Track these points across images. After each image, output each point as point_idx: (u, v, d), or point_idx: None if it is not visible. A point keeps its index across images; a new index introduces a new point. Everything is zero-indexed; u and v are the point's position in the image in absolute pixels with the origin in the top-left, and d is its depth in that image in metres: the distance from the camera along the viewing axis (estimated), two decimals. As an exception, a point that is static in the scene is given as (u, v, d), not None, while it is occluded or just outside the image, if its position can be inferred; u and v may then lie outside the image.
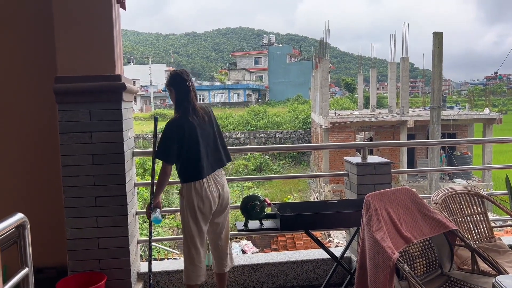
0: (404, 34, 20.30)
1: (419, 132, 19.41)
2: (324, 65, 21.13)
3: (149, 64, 57.77)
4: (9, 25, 2.96)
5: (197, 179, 2.59)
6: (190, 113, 2.62)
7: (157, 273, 3.11)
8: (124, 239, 2.79)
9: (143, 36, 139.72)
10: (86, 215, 2.73)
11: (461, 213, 2.73)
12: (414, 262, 2.32)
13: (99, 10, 2.72)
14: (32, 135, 3.03)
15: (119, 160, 2.75)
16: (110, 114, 2.72)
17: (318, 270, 3.27)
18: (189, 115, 2.62)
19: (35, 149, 3.04)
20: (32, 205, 3.00)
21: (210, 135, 2.71)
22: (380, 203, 2.36)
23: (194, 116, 2.62)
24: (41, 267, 2.99)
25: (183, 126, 2.59)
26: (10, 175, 3.04)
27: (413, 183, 18.56)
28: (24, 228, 1.71)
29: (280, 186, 22.61)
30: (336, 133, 20.09)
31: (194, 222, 2.62)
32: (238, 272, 3.19)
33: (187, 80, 2.66)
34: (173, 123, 2.62)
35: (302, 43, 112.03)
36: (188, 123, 2.60)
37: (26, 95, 3.00)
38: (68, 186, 2.71)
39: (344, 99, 43.59)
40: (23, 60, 2.99)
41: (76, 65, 2.71)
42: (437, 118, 11.33)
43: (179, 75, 2.69)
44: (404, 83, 20.20)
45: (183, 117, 2.62)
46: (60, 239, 2.86)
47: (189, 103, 2.64)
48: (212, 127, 2.73)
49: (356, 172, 3.17)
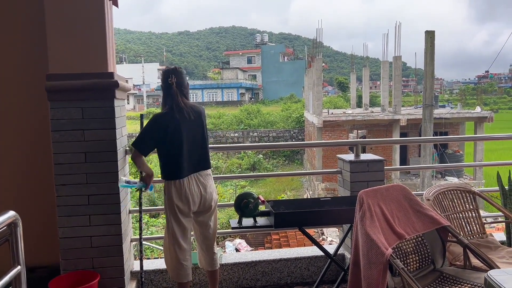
0: (396, 33, 20.43)
1: (411, 130, 19.56)
2: (317, 64, 21.19)
3: (141, 63, 57.52)
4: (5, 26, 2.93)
5: (177, 178, 2.57)
6: (174, 110, 2.60)
7: (151, 271, 3.10)
8: (117, 237, 2.77)
9: (135, 34, 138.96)
10: (78, 213, 2.71)
11: (453, 209, 2.75)
12: (407, 258, 2.33)
13: (91, 6, 2.70)
14: (25, 133, 3.00)
15: (112, 158, 2.73)
16: (102, 112, 2.70)
17: (312, 267, 3.28)
18: (173, 111, 2.60)
19: (28, 147, 3.01)
20: (23, 204, 2.97)
21: (196, 134, 2.67)
22: (373, 199, 2.37)
23: (178, 112, 2.60)
24: (33, 267, 2.96)
25: (167, 122, 2.58)
26: (2, 173, 3.01)
27: (405, 181, 18.70)
28: (16, 226, 1.69)
29: (273, 185, 22.64)
30: (329, 132, 20.17)
31: (175, 220, 2.61)
32: (232, 270, 3.19)
33: (169, 76, 2.62)
34: (156, 116, 2.64)
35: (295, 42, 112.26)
36: (173, 119, 2.57)
37: (20, 92, 2.98)
38: (61, 185, 2.68)
39: (337, 98, 43.76)
40: (16, 58, 2.96)
41: (68, 63, 2.69)
42: (430, 116, 11.41)
43: (165, 72, 2.68)
44: (396, 82, 20.32)
45: (168, 113, 2.61)
46: (53, 238, 2.84)
47: (172, 99, 2.61)
48: (200, 126, 2.69)
49: (349, 169, 3.18)
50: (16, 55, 2.96)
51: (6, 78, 2.97)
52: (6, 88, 2.97)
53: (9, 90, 2.98)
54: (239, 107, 37.03)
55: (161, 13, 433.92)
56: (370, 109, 26.19)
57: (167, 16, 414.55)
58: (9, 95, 2.98)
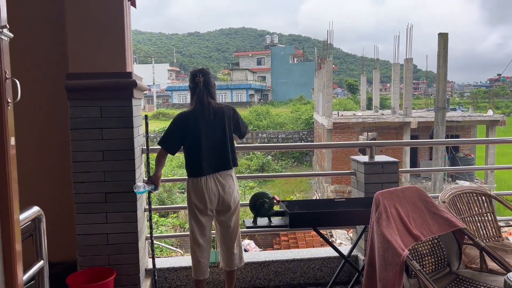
0: (407, 35, 20.28)
1: (422, 133, 19.40)
2: (328, 66, 21.14)
3: (152, 63, 57.87)
4: (23, 24, 2.98)
5: (195, 176, 2.63)
6: (198, 109, 2.66)
7: (165, 269, 3.13)
8: (133, 235, 2.81)
9: (146, 35, 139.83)
10: (95, 211, 2.75)
11: (468, 212, 2.74)
12: (423, 260, 2.33)
13: (110, 7, 2.74)
14: (45, 131, 3.05)
15: (129, 156, 2.77)
16: (120, 111, 2.74)
17: (325, 268, 3.28)
18: (196, 110, 2.65)
19: (47, 145, 3.06)
20: (43, 201, 3.01)
21: (217, 134, 2.68)
22: (390, 201, 2.38)
23: (201, 111, 2.65)
24: (51, 263, 3.00)
25: (187, 120, 2.65)
26: (23, 170, 3.06)
27: (416, 184, 18.51)
28: (40, 221, 1.74)
29: (282, 186, 22.63)
30: (339, 134, 20.08)
31: (193, 217, 2.67)
32: (245, 269, 3.20)
33: (197, 76, 2.69)
34: (179, 115, 2.72)
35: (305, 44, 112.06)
36: (193, 118, 2.63)
37: (41, 91, 3.02)
38: (79, 182, 2.73)
39: (347, 100, 43.58)
40: (38, 57, 3.01)
41: (88, 62, 2.74)
42: (442, 119, 11.32)
43: (192, 72, 2.75)
44: (407, 84, 20.17)
45: (190, 111, 2.67)
46: (70, 234, 2.88)
47: (197, 98, 2.69)
48: (222, 126, 2.68)
49: (364, 170, 3.19)
50: (38, 54, 3.01)
51: (27, 76, 3.02)
52: (28, 86, 3.01)
53: (30, 88, 3.02)
54: (249, 108, 37.05)
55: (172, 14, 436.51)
56: (380, 111, 26.06)
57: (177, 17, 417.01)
58: (31, 93, 3.03)
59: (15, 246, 1.17)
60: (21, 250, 1.22)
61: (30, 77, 3.03)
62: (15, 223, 1.18)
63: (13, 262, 1.15)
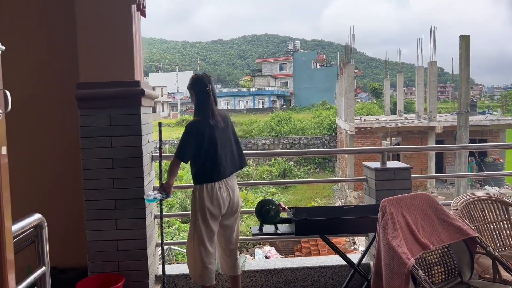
0: (431, 38, 19.85)
1: (448, 138, 18.88)
2: (349, 70, 20.92)
3: (176, 71, 58.80)
4: (37, 35, 3.09)
5: (210, 182, 2.64)
6: (210, 117, 2.68)
7: (175, 276, 3.15)
8: (142, 241, 2.84)
9: (170, 44, 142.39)
10: (105, 217, 2.80)
11: (483, 220, 2.64)
12: (432, 269, 2.26)
13: (119, 19, 2.80)
14: (54, 139, 3.14)
15: (138, 164, 2.81)
16: (129, 119, 2.78)
17: (336, 276, 3.23)
18: (208, 118, 2.67)
19: (57, 152, 3.14)
20: (55, 207, 3.10)
21: (227, 140, 2.75)
22: (397, 208, 2.32)
23: (213, 119, 2.67)
24: (64, 268, 3.08)
25: (203, 129, 2.65)
26: (35, 178, 3.15)
27: (442, 190, 18.05)
28: (41, 228, 1.77)
29: (304, 193, 22.43)
30: (362, 139, 19.80)
31: (204, 222, 2.66)
32: (255, 276, 3.19)
33: (208, 86, 2.71)
34: (192, 125, 2.70)
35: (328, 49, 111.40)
36: (208, 126, 2.66)
37: (53, 100, 3.12)
38: (89, 189, 2.78)
39: (371, 104, 42.96)
40: (50, 69, 3.11)
41: (98, 72, 2.80)
42: (465, 123, 10.97)
43: (200, 79, 2.75)
44: (432, 88, 19.72)
45: (202, 120, 2.68)
46: (82, 241, 2.94)
47: (208, 107, 2.70)
48: (229, 132, 2.78)
49: (375, 177, 3.12)
50: (50, 65, 3.11)
51: (40, 86, 3.12)
52: (40, 95, 3.12)
53: (42, 97, 3.13)
54: (270, 114, 37.05)
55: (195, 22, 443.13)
56: (404, 115, 25.56)
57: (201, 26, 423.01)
58: (43, 102, 3.13)
59: (6, 255, 1.19)
60: (13, 259, 1.24)
61: (42, 87, 3.13)
62: (6, 232, 1.20)
63: (4, 271, 1.17)
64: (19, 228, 1.59)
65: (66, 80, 3.00)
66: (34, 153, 3.13)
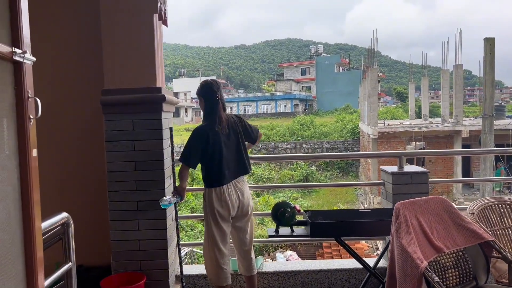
0: (457, 40, 19.49)
1: (474, 142, 18.42)
2: (372, 74, 20.74)
3: (199, 76, 59.56)
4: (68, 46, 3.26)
5: (218, 185, 2.72)
6: (216, 123, 2.77)
7: (194, 276, 3.24)
8: (163, 241, 2.94)
9: (194, 49, 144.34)
10: (128, 218, 2.92)
11: (501, 224, 2.62)
12: (446, 273, 2.26)
13: (142, 28, 2.93)
14: (80, 143, 3.29)
15: (159, 167, 2.92)
16: (151, 124, 2.90)
17: (353, 279, 3.25)
18: (215, 124, 2.76)
19: (83, 155, 3.30)
20: (81, 208, 3.24)
21: (233, 144, 2.82)
22: (411, 212, 2.34)
23: (219, 126, 2.76)
24: (90, 266, 3.21)
25: (208, 134, 2.74)
26: (62, 180, 3.31)
27: (468, 196, 17.61)
28: (68, 226, 1.89)
29: (327, 197, 22.28)
30: (385, 143, 19.55)
31: (215, 224, 2.75)
32: (272, 278, 3.24)
33: (217, 93, 2.80)
34: (199, 130, 2.80)
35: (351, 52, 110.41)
36: (213, 132, 2.74)
37: (82, 106, 3.28)
38: (113, 191, 2.91)
39: (395, 108, 42.33)
40: (80, 76, 3.28)
41: (121, 79, 2.93)
42: (490, 127, 10.71)
43: (210, 86, 2.84)
44: (457, 92, 19.32)
45: (209, 125, 2.77)
46: (106, 240, 3.07)
47: (216, 114, 2.79)
48: (236, 136, 2.84)
49: (392, 181, 3.14)
50: (76, 70, 3.27)
51: (67, 91, 3.29)
52: (67, 100, 3.28)
53: (70, 101, 3.29)
54: (292, 118, 37.00)
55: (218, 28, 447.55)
56: (429, 119, 25.07)
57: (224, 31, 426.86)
58: (70, 107, 3.29)
59: (36, 252, 1.28)
60: (42, 256, 1.34)
61: (68, 95, 3.28)
62: (37, 231, 1.30)
63: (34, 268, 1.27)
64: (47, 226, 1.71)
65: (93, 86, 3.15)
66: (61, 156, 3.29)
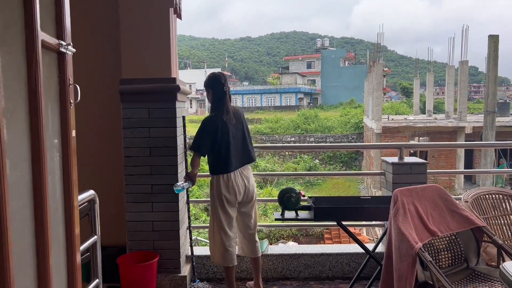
0: (463, 36, 19.51)
1: (478, 138, 18.52)
2: (378, 68, 20.81)
3: (204, 68, 59.62)
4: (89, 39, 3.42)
5: (225, 172, 2.90)
6: (224, 114, 2.94)
7: (203, 256, 3.44)
8: (175, 223, 3.14)
9: (199, 41, 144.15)
10: (143, 200, 3.11)
11: (492, 212, 2.79)
12: (439, 255, 2.44)
13: (158, 20, 3.10)
14: (101, 129, 3.46)
15: (172, 153, 3.10)
16: (165, 112, 3.08)
17: (353, 263, 3.44)
18: (223, 115, 2.94)
19: (102, 141, 3.47)
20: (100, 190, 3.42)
21: (240, 134, 3.02)
22: (408, 198, 2.51)
23: (227, 116, 2.94)
24: (106, 246, 3.41)
25: (217, 124, 2.92)
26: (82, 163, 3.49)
27: (470, 192, 17.72)
28: (94, 203, 2.09)
29: (329, 191, 22.51)
30: (389, 138, 19.68)
31: (222, 209, 2.94)
32: (276, 260, 3.44)
33: (224, 84, 2.99)
34: (208, 120, 2.97)
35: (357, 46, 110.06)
36: (222, 122, 2.92)
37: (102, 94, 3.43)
38: (129, 175, 3.10)
39: (400, 103, 42.32)
40: (96, 63, 3.43)
41: (138, 69, 3.11)
42: (491, 124, 10.84)
43: (218, 78, 3.03)
44: (462, 88, 19.39)
45: (217, 116, 2.95)
46: (122, 221, 3.26)
47: (223, 105, 2.97)
48: (241, 127, 3.04)
49: (392, 171, 3.31)
50: (96, 61, 3.43)
51: (88, 80, 3.44)
52: (93, 91, 3.43)
53: (95, 92, 3.44)
54: (297, 112, 37.10)
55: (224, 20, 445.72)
56: (434, 115, 25.17)
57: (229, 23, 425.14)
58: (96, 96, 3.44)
59: (75, 229, 1.45)
60: (79, 233, 1.49)
61: (93, 84, 3.44)
62: (75, 209, 1.47)
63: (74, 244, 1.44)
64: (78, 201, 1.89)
65: (110, 74, 3.31)
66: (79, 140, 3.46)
